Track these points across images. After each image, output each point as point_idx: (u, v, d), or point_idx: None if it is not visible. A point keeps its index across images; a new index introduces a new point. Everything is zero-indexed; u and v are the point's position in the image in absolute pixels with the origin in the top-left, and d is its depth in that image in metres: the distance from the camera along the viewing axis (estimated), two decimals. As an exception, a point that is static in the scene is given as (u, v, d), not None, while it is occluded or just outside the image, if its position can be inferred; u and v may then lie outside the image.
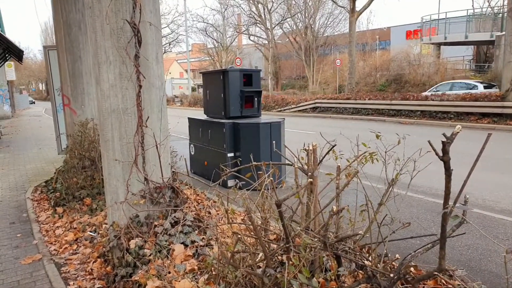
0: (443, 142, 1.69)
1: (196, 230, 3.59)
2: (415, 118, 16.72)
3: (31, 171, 8.81)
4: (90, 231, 4.63)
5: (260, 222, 2.21)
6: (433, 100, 16.55)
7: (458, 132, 1.71)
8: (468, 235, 4.71)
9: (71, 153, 5.60)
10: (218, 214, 5.05)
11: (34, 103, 57.56)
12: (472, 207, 5.79)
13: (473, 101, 15.07)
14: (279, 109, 24.95)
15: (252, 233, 2.03)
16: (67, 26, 6.48)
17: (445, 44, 27.27)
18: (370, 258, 2.29)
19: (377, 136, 2.55)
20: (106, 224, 4.57)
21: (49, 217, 5.45)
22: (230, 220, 2.24)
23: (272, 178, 2.20)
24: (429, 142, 1.72)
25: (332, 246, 1.84)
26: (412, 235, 2.98)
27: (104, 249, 3.89)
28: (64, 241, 4.56)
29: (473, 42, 26.74)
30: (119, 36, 3.18)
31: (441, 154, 1.69)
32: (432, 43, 27.72)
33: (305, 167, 2.50)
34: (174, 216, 3.52)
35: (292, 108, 24.26)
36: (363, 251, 2.41)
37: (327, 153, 2.44)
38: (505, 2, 27.36)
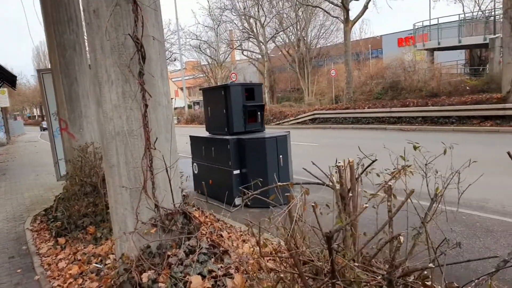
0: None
1: (212, 257, 3.30)
2: (417, 124, 16.57)
3: (29, 199, 8.48)
4: (96, 263, 4.31)
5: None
6: (433, 106, 16.43)
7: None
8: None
9: (72, 180, 5.32)
10: (230, 237, 4.76)
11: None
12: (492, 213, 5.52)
13: (474, 104, 14.94)
14: (277, 122, 24.78)
15: (290, 267, 1.77)
16: (62, 48, 6.26)
17: (439, 49, 27.38)
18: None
19: (415, 147, 2.30)
20: (113, 254, 4.26)
21: (50, 248, 5.13)
22: (261, 251, 1.97)
23: (301, 202, 1.94)
24: (508, 153, 1.47)
25: (397, 282, 1.58)
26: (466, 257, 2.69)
27: (112, 282, 3.58)
28: (68, 275, 4.23)
29: (467, 46, 26.87)
30: (121, 53, 2.95)
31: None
32: (426, 49, 27.81)
33: (337, 185, 2.24)
34: (188, 244, 3.24)
35: (290, 120, 24.09)
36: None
37: (365, 169, 2.19)
38: (497, 5, 27.68)
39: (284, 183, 2.32)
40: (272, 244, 3.48)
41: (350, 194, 2.06)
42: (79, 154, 5.39)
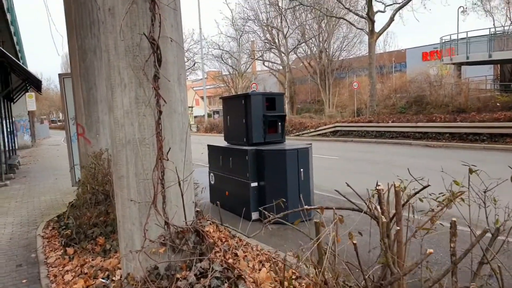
0: None
1: (225, 282, 2.99)
2: (444, 140, 15.89)
3: (45, 204, 8.39)
4: (102, 278, 4.06)
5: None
6: (462, 122, 15.75)
7: None
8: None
9: (84, 187, 5.12)
10: (245, 256, 4.43)
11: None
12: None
13: (508, 122, 14.19)
14: (297, 134, 24.39)
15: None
16: (82, 52, 6.15)
17: (468, 64, 26.49)
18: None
19: (471, 171, 1.94)
20: (120, 269, 4.01)
21: (59, 258, 4.91)
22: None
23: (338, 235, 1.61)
24: None
25: None
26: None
27: (117, 302, 3.32)
28: (73, 289, 4.00)
29: (497, 61, 25.91)
30: (135, 54, 2.71)
31: None
32: (453, 63, 26.96)
33: (376, 212, 1.90)
34: (200, 267, 2.93)
35: (310, 132, 23.67)
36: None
37: (414, 195, 1.85)
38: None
39: (313, 207, 2.00)
40: (291, 267, 3.13)
41: (397, 228, 1.71)
42: (92, 161, 5.21)
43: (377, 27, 22.83)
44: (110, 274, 4.05)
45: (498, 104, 21.02)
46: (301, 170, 6.41)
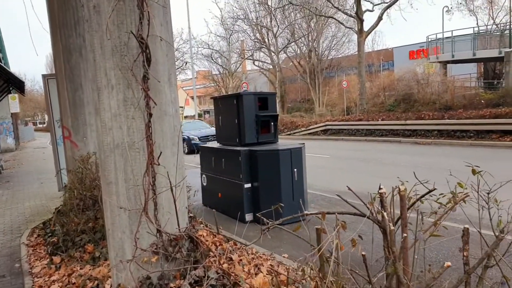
0: None
1: (221, 290, 2.87)
2: (432, 138, 16.02)
3: (30, 210, 8.13)
4: (92, 287, 3.90)
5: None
6: (449, 119, 15.90)
7: None
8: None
9: (71, 193, 4.94)
10: (241, 260, 4.32)
11: None
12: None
13: (494, 118, 14.39)
14: (288, 133, 24.36)
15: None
16: (67, 52, 5.95)
17: (453, 62, 26.87)
18: None
19: (474, 172, 1.86)
20: (110, 278, 3.85)
21: (44, 267, 4.71)
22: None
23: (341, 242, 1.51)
24: None
25: None
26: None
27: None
28: (60, 301, 3.83)
29: (481, 59, 26.34)
30: (123, 54, 2.57)
31: None
32: (439, 62, 27.30)
33: (379, 216, 1.81)
34: (195, 275, 2.81)
35: (302, 131, 23.66)
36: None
37: (419, 199, 1.76)
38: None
39: (314, 213, 1.90)
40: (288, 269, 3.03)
41: (404, 234, 1.62)
42: (79, 166, 5.03)
43: (366, 26, 22.94)
44: (99, 283, 3.89)
45: (482, 101, 21.32)
46: (295, 170, 6.34)
